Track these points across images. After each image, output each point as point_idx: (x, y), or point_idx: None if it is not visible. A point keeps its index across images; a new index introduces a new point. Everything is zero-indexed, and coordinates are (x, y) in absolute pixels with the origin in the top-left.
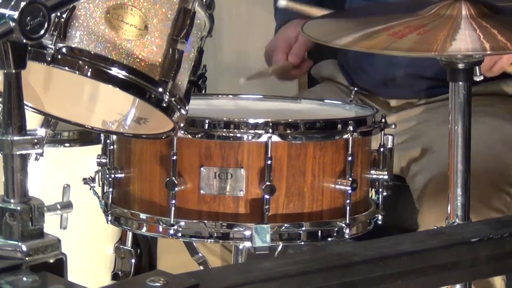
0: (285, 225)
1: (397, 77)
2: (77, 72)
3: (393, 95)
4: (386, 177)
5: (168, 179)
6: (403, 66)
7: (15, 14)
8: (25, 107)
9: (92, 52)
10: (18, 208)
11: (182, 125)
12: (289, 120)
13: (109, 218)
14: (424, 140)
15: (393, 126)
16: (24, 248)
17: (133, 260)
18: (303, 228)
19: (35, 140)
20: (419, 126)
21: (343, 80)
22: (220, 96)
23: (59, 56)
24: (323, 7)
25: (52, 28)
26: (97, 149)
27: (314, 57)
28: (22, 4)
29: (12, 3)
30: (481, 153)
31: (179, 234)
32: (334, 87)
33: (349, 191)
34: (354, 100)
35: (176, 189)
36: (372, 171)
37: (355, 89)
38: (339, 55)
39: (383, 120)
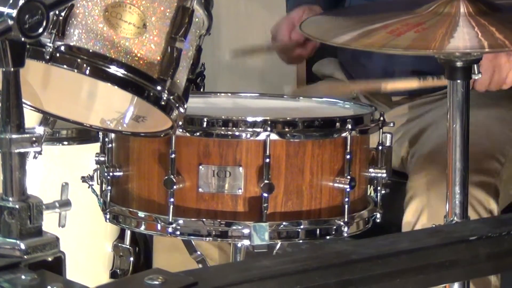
0: (284, 223)
1: (396, 74)
2: (76, 70)
3: (392, 92)
4: (384, 175)
5: (166, 177)
6: (402, 63)
7: (14, 12)
8: (24, 105)
9: (90, 50)
10: (17, 206)
11: (180, 123)
12: (288, 118)
13: (108, 216)
14: (420, 126)
15: (391, 124)
16: (22, 246)
17: (131, 258)
18: (302, 226)
19: (34, 138)
20: (418, 117)
21: (343, 78)
22: (218, 94)
23: (58, 54)
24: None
25: (51, 26)
26: (95, 147)
27: (314, 55)
28: (21, 2)
29: (11, 1)
30: (476, 128)
31: (178, 232)
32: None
33: (348, 189)
34: (357, 96)
35: (175, 187)
36: (371, 169)
37: None
38: (338, 52)
39: (381, 118)
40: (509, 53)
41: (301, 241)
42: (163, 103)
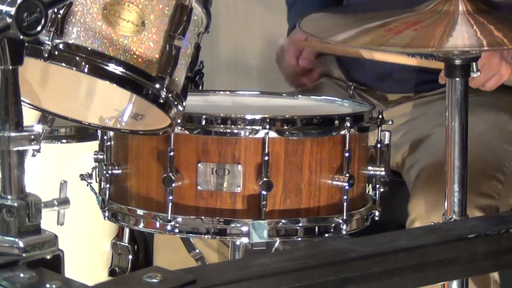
0: (282, 221)
1: (394, 71)
2: (74, 68)
3: (390, 89)
4: (383, 173)
5: (165, 175)
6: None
7: (12, 10)
8: (22, 103)
9: (89, 48)
10: (15, 204)
11: (179, 121)
12: (286, 116)
13: (106, 214)
14: (418, 133)
15: (390, 122)
16: (21, 244)
17: (130, 256)
18: (300, 224)
19: (32, 137)
20: (415, 120)
21: (340, 75)
22: (217, 92)
23: (56, 52)
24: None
25: (49, 24)
26: (94, 145)
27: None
28: (19, 0)
29: None
30: (475, 141)
31: (176, 230)
32: (331, 83)
33: (346, 187)
34: (353, 95)
35: (173, 185)
36: (369, 167)
37: (353, 84)
38: None
39: (380, 116)
40: (502, 57)
41: (299, 238)
42: (161, 101)
